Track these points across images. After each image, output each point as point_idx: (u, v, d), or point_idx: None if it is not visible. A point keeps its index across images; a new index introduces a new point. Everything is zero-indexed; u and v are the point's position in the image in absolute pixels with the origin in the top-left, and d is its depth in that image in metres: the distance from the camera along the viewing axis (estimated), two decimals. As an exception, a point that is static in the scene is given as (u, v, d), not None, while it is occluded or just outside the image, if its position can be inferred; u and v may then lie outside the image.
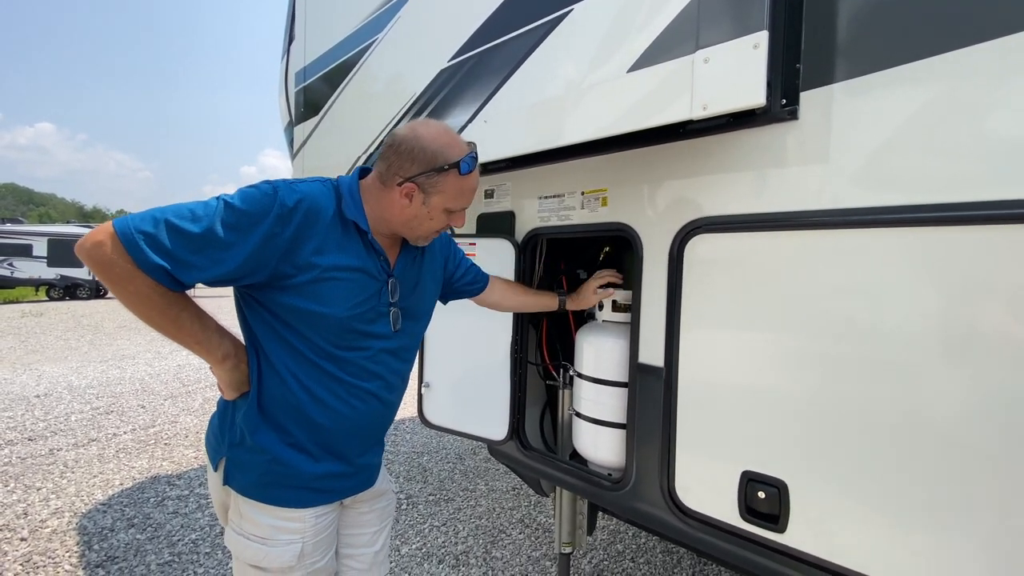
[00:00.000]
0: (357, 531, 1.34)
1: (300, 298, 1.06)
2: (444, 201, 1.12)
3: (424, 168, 1.08)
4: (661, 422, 1.37)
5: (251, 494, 1.11)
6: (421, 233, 1.18)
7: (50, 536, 2.70)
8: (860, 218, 1.05)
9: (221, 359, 1.08)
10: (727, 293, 1.24)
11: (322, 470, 1.15)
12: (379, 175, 1.13)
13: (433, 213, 1.13)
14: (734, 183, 1.24)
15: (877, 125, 1.02)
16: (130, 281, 0.94)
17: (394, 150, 1.09)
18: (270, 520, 1.12)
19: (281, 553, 1.12)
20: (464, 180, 1.11)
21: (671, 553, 2.65)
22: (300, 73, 2.46)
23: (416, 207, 1.11)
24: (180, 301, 1.02)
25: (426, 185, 1.09)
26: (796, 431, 1.14)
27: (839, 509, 1.09)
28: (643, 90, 1.12)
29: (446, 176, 1.09)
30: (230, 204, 0.98)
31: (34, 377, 6.17)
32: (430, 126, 1.12)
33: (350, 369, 1.14)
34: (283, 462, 1.11)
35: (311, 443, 1.13)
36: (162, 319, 0.99)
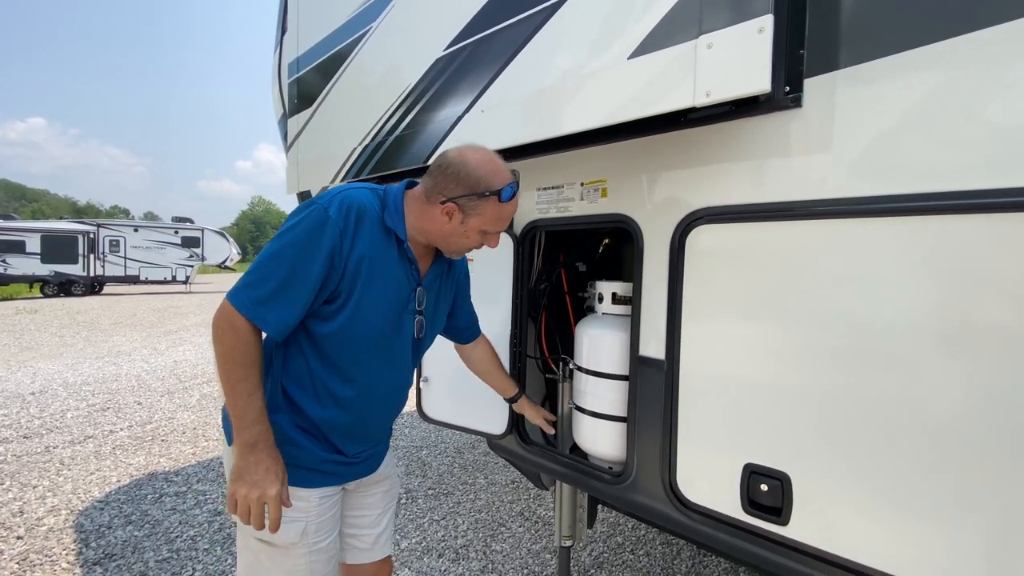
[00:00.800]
0: (360, 512, 1.41)
1: (335, 314, 1.15)
2: (481, 223, 1.19)
3: (466, 192, 1.15)
4: (662, 415, 1.36)
5: None
6: (455, 248, 1.26)
7: (47, 534, 2.68)
8: (865, 207, 1.03)
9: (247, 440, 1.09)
10: (729, 285, 1.22)
11: (330, 455, 1.23)
12: (425, 190, 1.20)
13: (469, 233, 1.21)
14: (736, 173, 1.22)
15: (883, 112, 1.00)
16: None
17: (442, 170, 1.17)
18: None
19: (285, 529, 1.16)
20: (503, 207, 1.18)
21: (670, 545, 2.65)
22: (293, 64, 2.42)
23: (454, 225, 1.19)
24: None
25: (466, 207, 1.16)
26: (799, 423, 1.13)
27: (842, 501, 1.08)
28: (644, 77, 1.10)
29: (486, 201, 1.16)
30: (293, 233, 1.09)
31: (29, 374, 6.14)
32: (478, 152, 1.19)
33: (367, 372, 1.22)
34: (294, 443, 1.18)
35: (322, 430, 1.20)
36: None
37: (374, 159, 1.88)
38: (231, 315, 1.07)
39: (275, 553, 1.19)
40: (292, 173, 2.44)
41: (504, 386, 1.68)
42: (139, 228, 19.34)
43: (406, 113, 1.72)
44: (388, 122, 1.80)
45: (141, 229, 19.30)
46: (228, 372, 1.07)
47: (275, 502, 1.08)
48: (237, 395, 1.07)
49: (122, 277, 18.52)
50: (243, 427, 1.07)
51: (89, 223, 18.61)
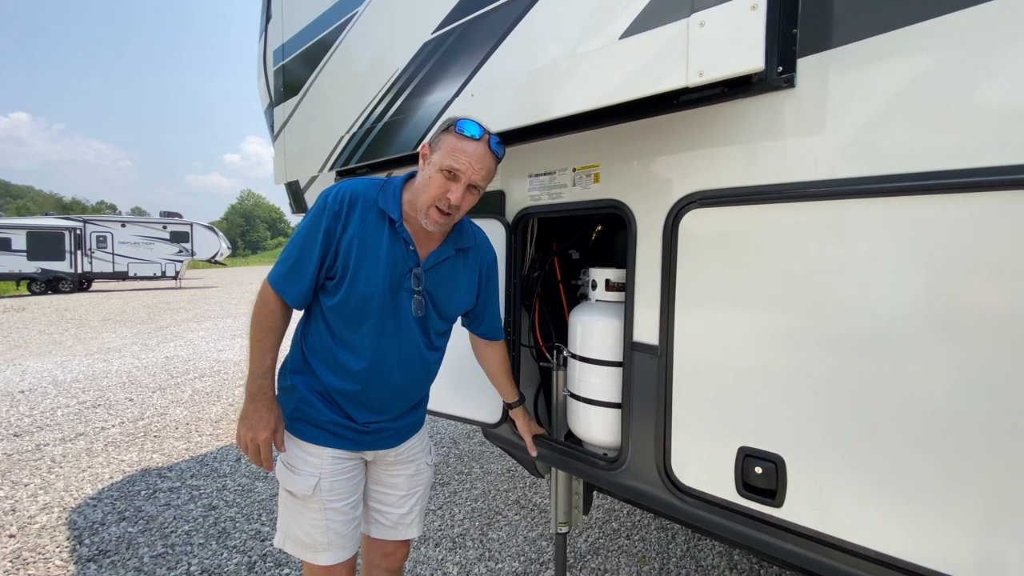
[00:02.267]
0: (385, 490, 1.51)
1: (336, 288, 1.29)
2: (440, 158, 1.23)
3: (437, 130, 1.28)
4: (656, 400, 1.36)
5: (287, 423, 1.35)
6: (421, 199, 1.26)
7: (39, 532, 2.66)
8: (859, 188, 1.02)
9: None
10: (723, 268, 1.22)
11: (340, 419, 1.35)
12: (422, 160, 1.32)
13: (432, 173, 1.24)
14: (729, 155, 1.20)
15: (878, 91, 0.99)
16: None
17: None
18: (296, 450, 1.35)
19: (300, 481, 1.32)
20: (458, 140, 1.23)
21: (665, 530, 2.67)
22: (278, 51, 2.37)
23: (426, 168, 1.27)
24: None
25: (434, 143, 1.27)
26: (793, 406, 1.13)
27: (836, 482, 1.09)
28: (636, 58, 1.08)
29: (447, 135, 1.24)
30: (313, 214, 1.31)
31: (18, 372, 6.06)
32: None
33: (372, 346, 1.32)
34: (308, 402, 1.34)
35: (333, 396, 1.34)
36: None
37: (362, 147, 1.85)
38: (264, 286, 1.30)
39: (295, 503, 1.34)
40: (280, 163, 2.40)
41: (507, 392, 1.69)
42: (127, 223, 19.07)
43: (394, 99, 1.69)
44: (376, 109, 1.77)
45: (129, 224, 19.04)
46: (253, 332, 1.30)
47: (265, 445, 1.29)
48: (254, 351, 1.29)
49: (110, 273, 18.29)
50: (251, 379, 1.29)
51: (75, 219, 18.34)
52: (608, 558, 2.44)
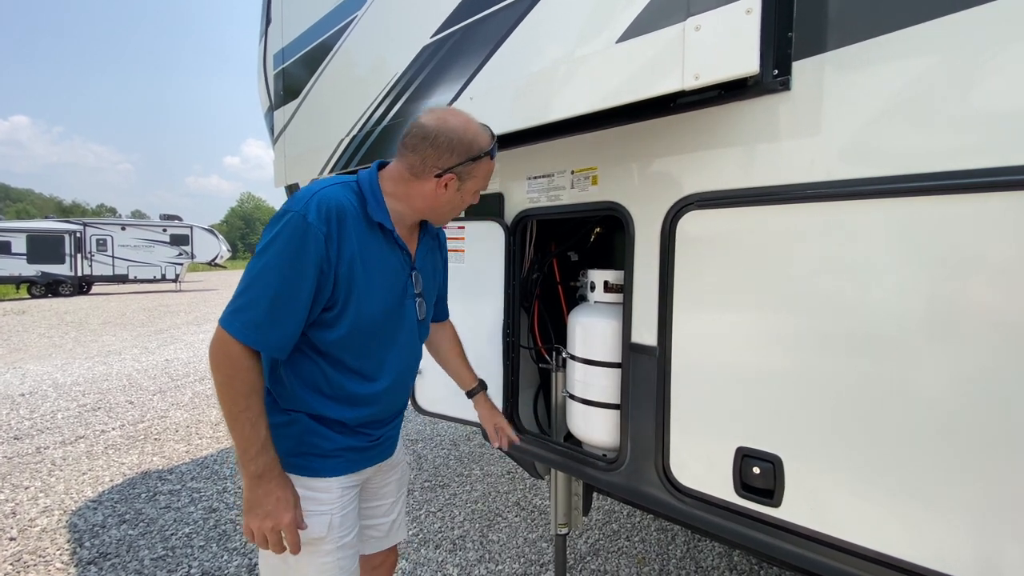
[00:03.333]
0: (376, 503, 1.41)
1: (338, 320, 1.12)
2: (475, 185, 1.20)
3: (463, 158, 1.14)
4: (655, 401, 1.37)
5: (285, 466, 1.13)
6: (448, 215, 1.25)
7: (40, 535, 2.66)
8: (855, 190, 1.03)
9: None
10: (720, 270, 1.23)
11: (351, 443, 1.21)
12: (410, 167, 1.15)
13: (465, 197, 1.21)
14: (725, 157, 1.21)
15: (872, 94, 1.00)
16: None
17: (429, 142, 1.12)
18: (302, 491, 1.15)
19: (313, 524, 1.15)
20: (491, 164, 1.20)
21: (665, 531, 2.68)
22: (278, 55, 2.38)
23: (451, 194, 1.18)
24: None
25: (463, 173, 1.15)
26: (791, 406, 1.14)
27: (833, 482, 1.09)
28: (633, 61, 1.09)
29: (480, 163, 1.16)
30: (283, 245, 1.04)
31: (18, 376, 6.06)
32: (457, 115, 1.17)
33: (384, 366, 1.22)
34: (315, 432, 1.17)
35: (341, 417, 1.18)
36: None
37: (362, 150, 1.86)
38: (226, 342, 1.03)
39: (303, 552, 1.14)
40: (280, 166, 2.41)
41: (464, 377, 1.58)
42: (127, 226, 19.08)
43: (393, 103, 1.70)
44: (375, 112, 1.78)
45: (129, 227, 19.05)
46: (229, 403, 1.04)
47: (291, 528, 1.07)
48: (240, 426, 1.05)
49: (110, 276, 18.30)
50: (248, 459, 1.05)
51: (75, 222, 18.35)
52: (608, 559, 2.45)
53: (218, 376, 1.04)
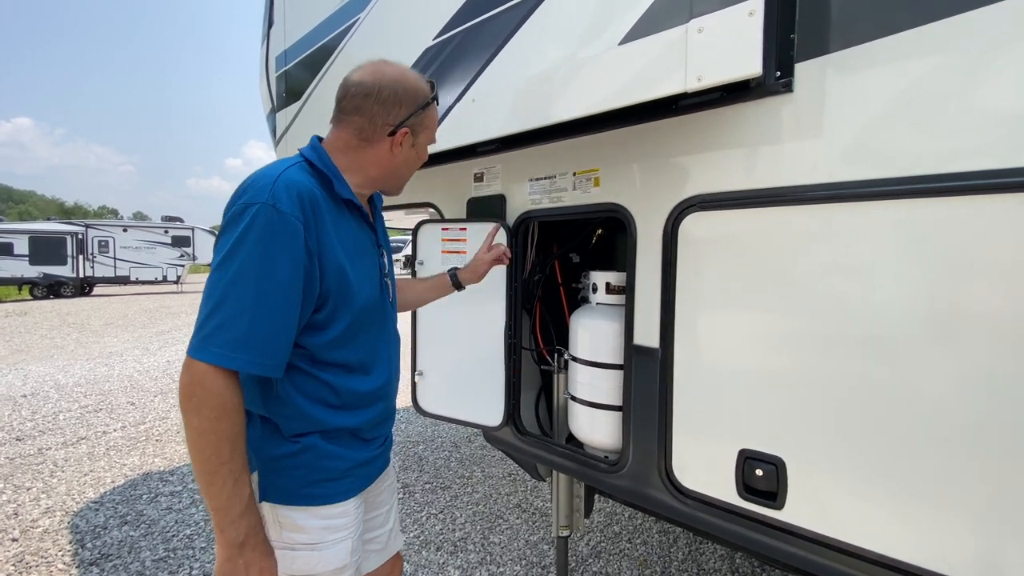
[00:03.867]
0: (374, 513, 1.29)
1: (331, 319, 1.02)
2: (428, 137, 1.12)
3: (413, 108, 1.05)
4: (657, 403, 1.36)
5: (296, 500, 1.03)
6: (405, 180, 1.17)
7: (42, 535, 2.66)
8: (857, 192, 1.03)
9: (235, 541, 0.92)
10: (722, 271, 1.23)
11: (360, 455, 1.12)
12: (358, 132, 1.05)
13: (420, 152, 1.14)
14: (728, 159, 1.21)
15: (875, 95, 1.00)
16: None
17: (374, 99, 1.02)
18: (319, 522, 1.05)
19: (335, 553, 1.06)
20: (436, 110, 1.13)
21: (667, 533, 2.67)
22: (280, 57, 2.39)
23: (407, 151, 1.09)
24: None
25: (415, 125, 1.08)
26: (794, 409, 1.13)
27: (836, 484, 1.09)
28: (635, 63, 1.09)
29: (429, 110, 1.09)
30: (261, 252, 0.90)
31: (20, 377, 6.07)
32: (390, 64, 1.08)
33: (380, 355, 1.15)
34: (329, 455, 1.05)
35: (355, 424, 1.09)
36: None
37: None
38: (204, 376, 0.85)
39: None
40: (282, 168, 2.41)
41: (439, 285, 1.54)
42: (128, 228, 19.11)
43: (396, 104, 1.71)
44: (378, 114, 1.78)
45: (130, 229, 19.08)
46: (209, 453, 0.86)
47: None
48: (221, 481, 0.87)
49: (112, 278, 18.32)
50: (228, 522, 0.90)
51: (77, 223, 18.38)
52: (610, 562, 2.44)
53: (196, 421, 0.85)
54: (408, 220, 3.90)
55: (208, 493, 0.88)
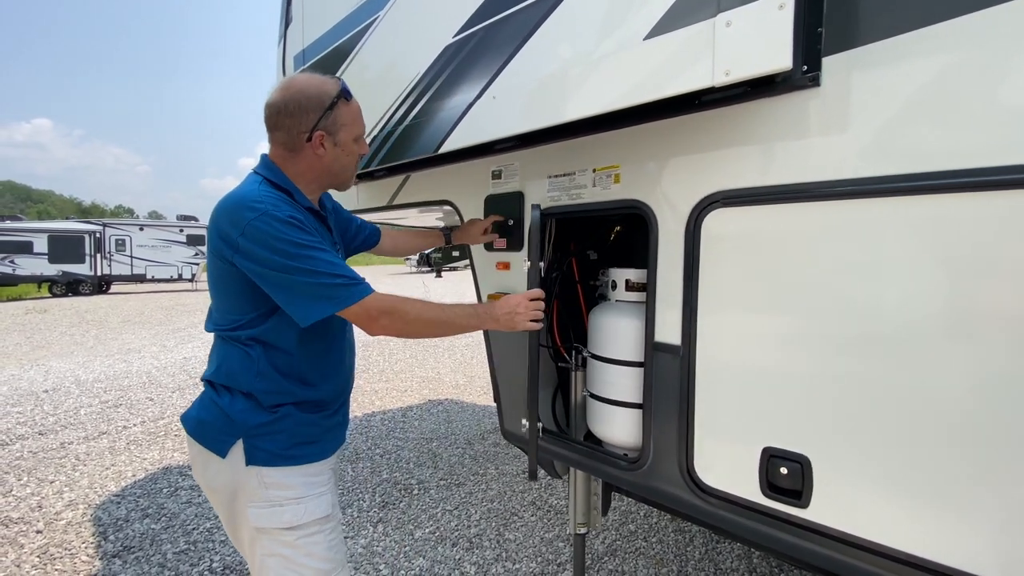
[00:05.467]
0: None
1: None
2: (350, 132, 1.25)
3: (320, 112, 1.19)
4: (679, 401, 1.36)
5: (279, 462, 1.21)
6: (346, 175, 1.32)
7: (65, 528, 2.71)
8: (886, 187, 1.01)
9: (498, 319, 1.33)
10: (746, 268, 1.21)
11: (330, 421, 1.32)
12: (283, 146, 1.23)
13: (347, 148, 1.26)
14: (752, 155, 1.20)
15: (906, 90, 0.99)
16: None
17: (285, 115, 1.19)
18: (301, 478, 1.23)
19: (318, 503, 1.25)
20: (352, 105, 1.25)
21: (683, 532, 2.66)
22: (299, 56, 2.40)
23: (331, 150, 1.23)
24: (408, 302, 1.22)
25: (329, 127, 1.21)
26: (819, 406, 1.12)
27: (864, 483, 1.08)
28: (661, 58, 1.08)
29: (338, 110, 1.21)
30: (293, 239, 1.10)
31: (41, 372, 6.20)
32: (296, 78, 1.24)
33: (334, 339, 1.31)
34: (305, 422, 1.25)
35: (323, 396, 1.29)
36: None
37: (383, 150, 1.87)
38: (372, 305, 1.15)
39: (311, 537, 1.23)
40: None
41: (431, 239, 1.83)
42: (144, 227, 19.41)
43: (415, 102, 1.71)
44: (396, 112, 1.79)
45: (146, 228, 19.37)
46: (430, 320, 1.23)
47: (525, 297, 1.37)
48: (452, 320, 1.26)
49: (129, 276, 18.62)
50: (478, 321, 1.32)
51: (95, 223, 18.70)
52: (625, 560, 2.44)
53: (397, 326, 1.18)
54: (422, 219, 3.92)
55: (458, 328, 1.28)
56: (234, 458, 1.20)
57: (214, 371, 1.25)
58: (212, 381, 1.25)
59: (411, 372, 6.06)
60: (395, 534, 2.67)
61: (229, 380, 1.22)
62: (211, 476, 1.25)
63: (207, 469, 1.25)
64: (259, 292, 1.15)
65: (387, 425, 4.33)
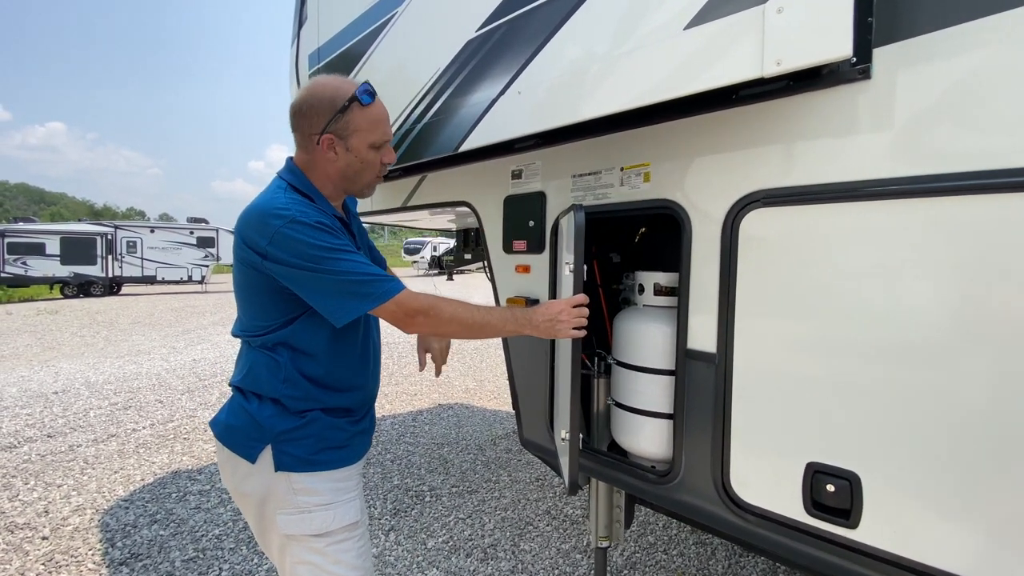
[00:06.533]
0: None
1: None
2: (364, 138, 1.18)
3: (330, 115, 1.15)
4: (713, 411, 1.29)
5: (307, 467, 1.19)
6: (361, 183, 1.26)
7: (72, 534, 2.67)
8: (942, 186, 0.95)
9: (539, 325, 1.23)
10: (789, 272, 1.15)
11: (357, 427, 1.29)
12: (301, 148, 1.21)
13: (360, 154, 1.20)
14: (795, 152, 1.14)
15: (962, 82, 0.92)
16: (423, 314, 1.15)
17: (301, 115, 1.18)
18: (329, 484, 1.21)
19: (347, 509, 1.23)
20: (369, 110, 1.18)
21: (704, 544, 2.57)
22: (314, 55, 2.36)
23: (343, 155, 1.19)
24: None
25: (339, 130, 1.16)
26: (870, 420, 1.05)
27: (919, 503, 1.01)
28: (703, 48, 1.02)
29: (351, 113, 1.16)
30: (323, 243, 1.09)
31: (51, 374, 6.20)
32: (320, 80, 1.21)
33: (361, 345, 1.29)
34: (332, 425, 1.22)
35: (349, 404, 1.27)
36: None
37: (399, 150, 1.82)
38: (402, 307, 1.12)
39: (340, 544, 1.21)
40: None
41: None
42: (155, 229, 19.53)
43: (435, 99, 1.66)
44: (416, 110, 1.74)
45: (157, 230, 19.49)
46: (465, 320, 1.17)
47: (567, 304, 1.25)
48: (489, 321, 1.20)
49: (139, 278, 18.72)
50: (517, 326, 1.23)
51: (107, 225, 18.85)
52: (645, 573, 2.36)
53: (432, 325, 1.16)
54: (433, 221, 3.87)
55: (496, 333, 1.24)
56: (263, 463, 1.18)
57: (242, 377, 1.23)
58: (240, 387, 1.23)
59: (420, 375, 6.00)
60: (407, 543, 2.60)
61: (256, 386, 1.20)
62: (240, 481, 1.22)
63: (236, 474, 1.22)
64: (286, 298, 1.14)
65: (397, 429, 4.27)
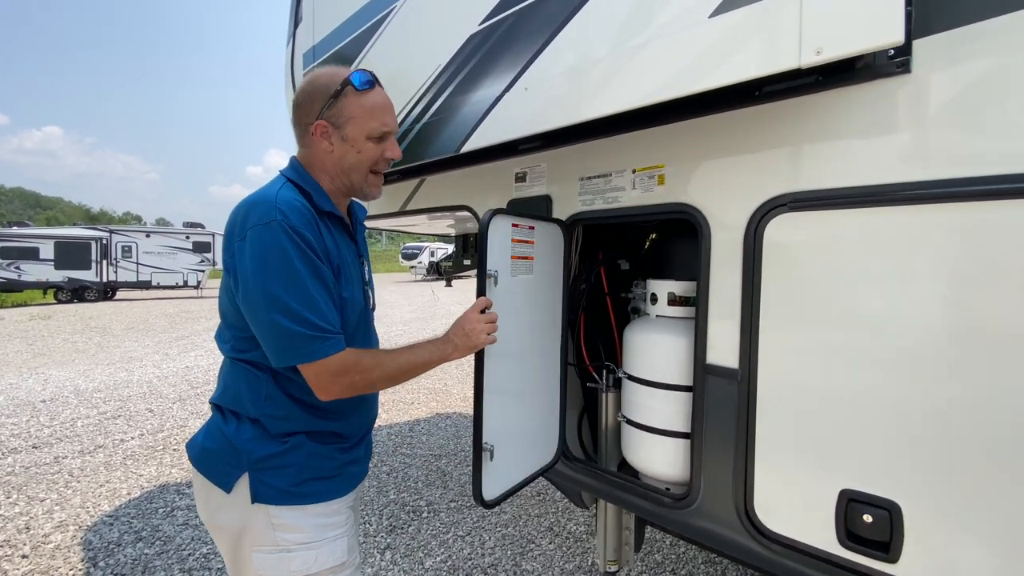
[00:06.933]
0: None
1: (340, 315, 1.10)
2: (359, 127, 1.10)
3: (323, 101, 1.09)
4: (735, 431, 1.19)
5: (289, 500, 1.07)
6: (356, 177, 1.15)
7: (53, 552, 2.55)
8: (989, 188, 0.86)
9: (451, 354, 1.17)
10: (819, 281, 1.06)
11: (347, 456, 1.17)
12: (300, 143, 1.16)
13: (358, 145, 1.12)
14: (825, 152, 1.05)
15: (1011, 77, 0.84)
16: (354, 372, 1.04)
17: (296, 110, 1.14)
18: (313, 520, 1.09)
19: (332, 551, 1.10)
20: (365, 96, 1.11)
21: (714, 563, 2.47)
22: (308, 53, 2.28)
23: (338, 145, 1.11)
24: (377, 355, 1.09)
25: (333, 117, 1.09)
26: (913, 445, 0.96)
27: (968, 535, 0.91)
28: (731, 37, 0.93)
29: (345, 100, 1.09)
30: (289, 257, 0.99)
31: (40, 381, 6.06)
32: (314, 71, 1.17)
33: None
34: (318, 454, 1.11)
35: (339, 429, 1.15)
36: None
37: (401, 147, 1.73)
38: (327, 369, 1.00)
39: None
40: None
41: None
42: (151, 234, 19.38)
43: (436, 97, 1.57)
44: (415, 108, 1.65)
45: (153, 235, 19.34)
46: (390, 380, 1.10)
47: (480, 317, 1.20)
48: (409, 366, 1.11)
49: (134, 282, 18.55)
50: (438, 358, 1.15)
51: (102, 229, 18.69)
52: (653, 595, 2.25)
53: (357, 385, 1.04)
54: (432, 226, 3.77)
55: (416, 374, 1.13)
56: (239, 494, 1.06)
57: (220, 393, 1.13)
58: (219, 405, 1.13)
59: (417, 383, 5.89)
60: (404, 562, 2.49)
61: (236, 404, 1.10)
62: (213, 512, 1.11)
63: (209, 504, 1.11)
64: None
65: (393, 440, 4.16)
